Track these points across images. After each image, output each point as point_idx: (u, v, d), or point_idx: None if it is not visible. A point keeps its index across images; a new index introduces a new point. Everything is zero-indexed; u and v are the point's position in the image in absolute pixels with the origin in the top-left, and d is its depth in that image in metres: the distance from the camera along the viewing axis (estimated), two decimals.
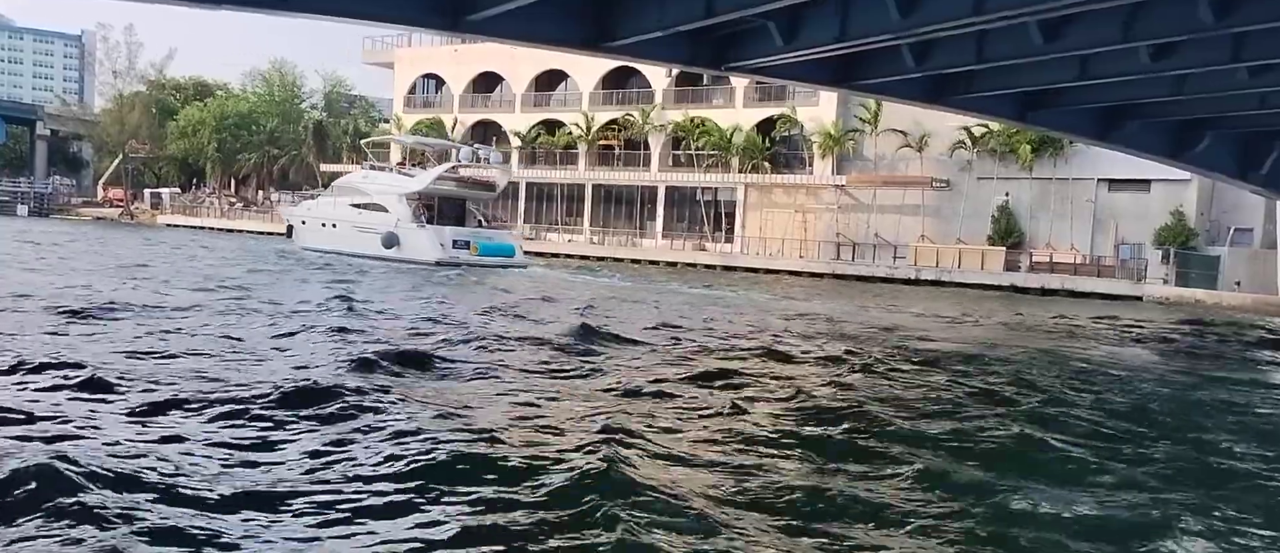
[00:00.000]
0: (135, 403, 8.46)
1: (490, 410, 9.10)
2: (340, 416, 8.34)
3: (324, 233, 41.04)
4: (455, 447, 7.30)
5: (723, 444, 8.18)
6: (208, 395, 8.85)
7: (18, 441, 6.81)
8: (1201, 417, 10.94)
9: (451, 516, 5.94)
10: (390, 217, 38.32)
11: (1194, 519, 6.51)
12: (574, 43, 17.34)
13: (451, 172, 39.88)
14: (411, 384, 10.22)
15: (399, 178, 40.78)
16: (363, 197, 40.18)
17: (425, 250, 36.44)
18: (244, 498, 6.02)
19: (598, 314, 19.34)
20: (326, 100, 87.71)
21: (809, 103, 50.51)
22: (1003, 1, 14.03)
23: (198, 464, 6.71)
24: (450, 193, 39.58)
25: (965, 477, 7.35)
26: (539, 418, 8.94)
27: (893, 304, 29.68)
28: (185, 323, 14.28)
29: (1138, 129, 24.93)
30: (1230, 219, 41.70)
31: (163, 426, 7.81)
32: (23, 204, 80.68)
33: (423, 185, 38.81)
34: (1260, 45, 16.08)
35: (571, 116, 60.60)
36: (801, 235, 50.77)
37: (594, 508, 5.92)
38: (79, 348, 11.29)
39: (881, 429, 8.99)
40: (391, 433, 7.77)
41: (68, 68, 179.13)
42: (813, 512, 6.36)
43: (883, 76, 19.66)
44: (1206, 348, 21.26)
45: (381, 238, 37.63)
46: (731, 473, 7.23)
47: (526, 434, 8.15)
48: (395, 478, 6.61)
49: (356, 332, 14.41)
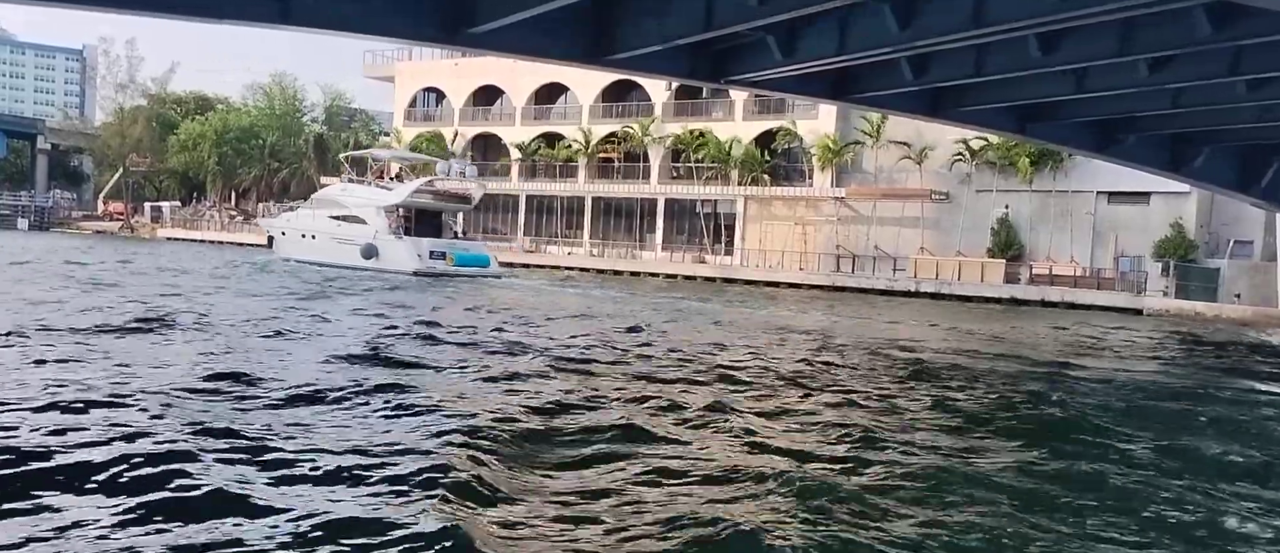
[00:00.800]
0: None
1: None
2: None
3: (303, 244, 41.93)
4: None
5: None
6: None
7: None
8: (1205, 429, 10.93)
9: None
10: (369, 228, 39.43)
11: (1192, 528, 6.50)
12: (574, 56, 17.38)
13: (428, 185, 41.26)
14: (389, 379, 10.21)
15: (377, 191, 41.79)
16: (342, 209, 41.22)
17: (403, 261, 37.40)
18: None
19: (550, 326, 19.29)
20: (327, 114, 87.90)
21: (808, 116, 50.69)
22: (1001, 14, 14.07)
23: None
24: (427, 206, 40.70)
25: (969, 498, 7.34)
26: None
27: (895, 318, 29.66)
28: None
29: (1136, 142, 24.99)
30: (1230, 232, 41.73)
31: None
32: (23, 218, 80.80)
33: (400, 198, 40.04)
34: (1258, 59, 16.12)
35: (571, 129, 60.77)
36: (801, 248, 50.83)
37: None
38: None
39: (876, 447, 8.97)
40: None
41: (69, 82, 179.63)
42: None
43: (881, 90, 19.72)
44: (1206, 360, 21.24)
45: (360, 249, 38.61)
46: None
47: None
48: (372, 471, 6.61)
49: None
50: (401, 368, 12.17)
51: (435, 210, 41.24)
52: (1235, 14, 13.98)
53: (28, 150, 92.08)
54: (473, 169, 45.62)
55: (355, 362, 12.44)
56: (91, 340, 13.13)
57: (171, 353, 12.44)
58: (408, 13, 15.39)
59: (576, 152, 60.00)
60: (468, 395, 10.48)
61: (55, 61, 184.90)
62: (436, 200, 41.11)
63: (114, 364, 11.16)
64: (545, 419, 9.19)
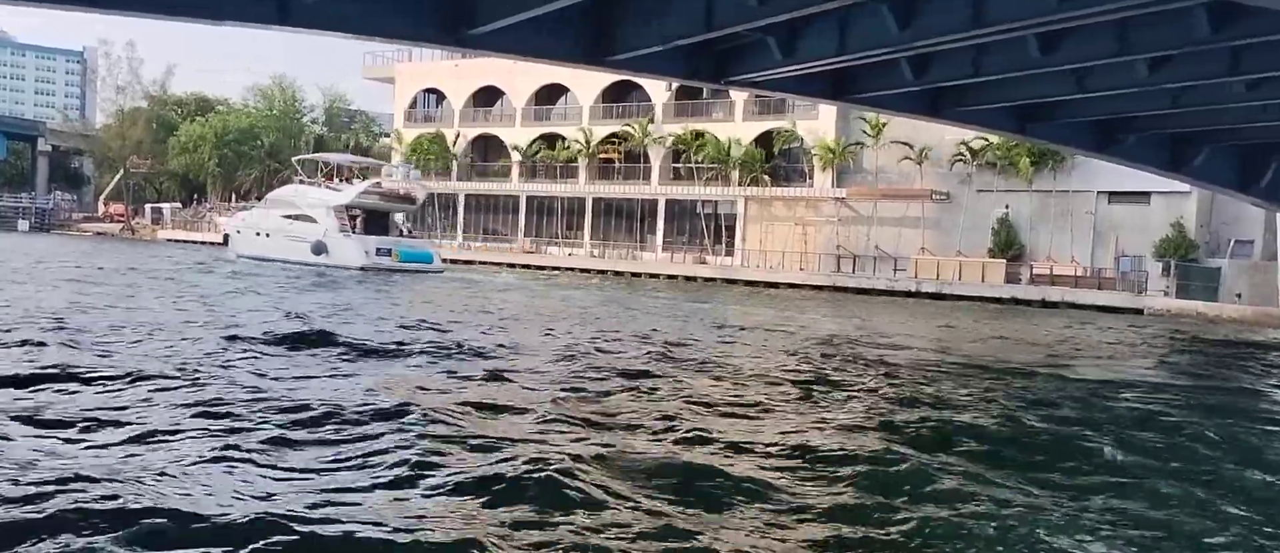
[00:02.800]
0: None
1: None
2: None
3: (257, 241, 44.61)
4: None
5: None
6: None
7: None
8: (1206, 430, 10.93)
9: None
10: (319, 227, 42.12)
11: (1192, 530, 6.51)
12: (574, 56, 17.41)
13: (375, 186, 44.22)
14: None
15: (327, 191, 44.38)
16: (294, 208, 43.92)
17: (351, 257, 40.10)
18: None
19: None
20: (327, 115, 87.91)
21: (809, 116, 50.72)
22: (1000, 14, 14.09)
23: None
24: (374, 206, 43.50)
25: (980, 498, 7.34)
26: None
27: (896, 318, 29.66)
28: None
29: (1136, 142, 25.00)
30: (1231, 231, 41.73)
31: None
32: (24, 219, 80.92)
33: (348, 199, 42.86)
34: (1257, 58, 16.13)
35: (572, 130, 60.79)
36: (802, 248, 50.86)
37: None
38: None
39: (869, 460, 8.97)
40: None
41: (70, 84, 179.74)
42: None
43: (881, 90, 19.74)
44: (1207, 360, 21.25)
45: (311, 246, 41.32)
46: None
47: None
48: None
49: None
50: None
51: (382, 210, 43.93)
52: (1235, 14, 13.99)
53: (28, 152, 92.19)
54: (416, 173, 49.25)
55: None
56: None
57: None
58: (407, 14, 15.41)
59: (577, 152, 60.04)
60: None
61: (56, 63, 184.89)
62: (383, 201, 43.77)
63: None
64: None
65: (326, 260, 40.22)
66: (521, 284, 38.11)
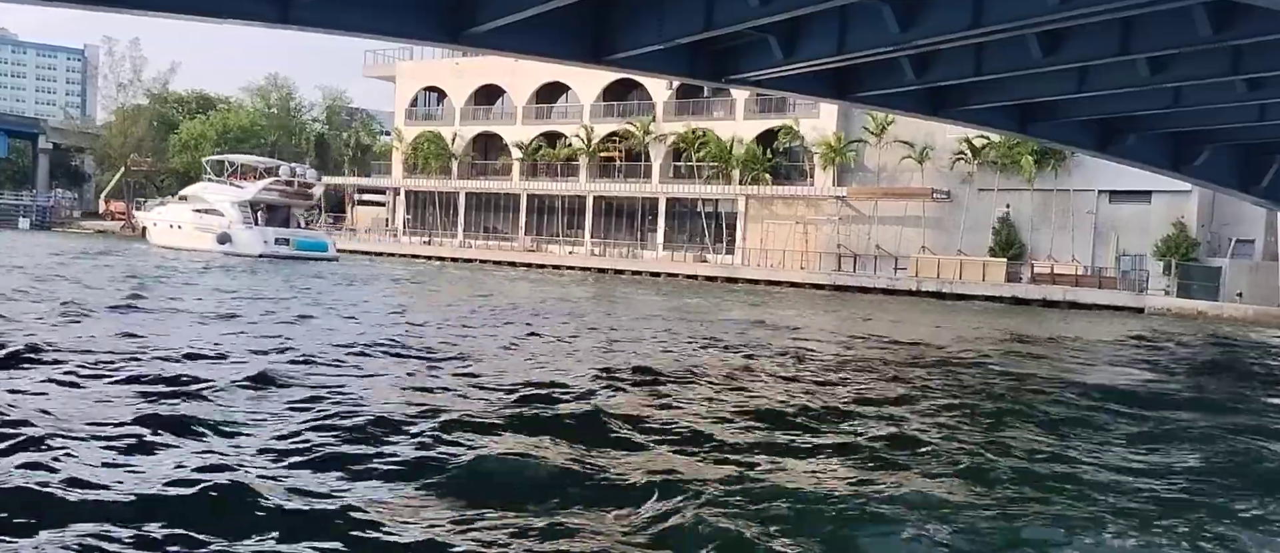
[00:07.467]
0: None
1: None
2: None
3: (171, 233, 50.21)
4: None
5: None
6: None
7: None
8: (1208, 431, 10.92)
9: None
10: (225, 219, 47.30)
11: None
12: (575, 55, 17.39)
13: (274, 183, 49.01)
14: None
15: (232, 188, 49.49)
16: (204, 203, 49.43)
17: (251, 245, 45.21)
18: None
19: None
20: (328, 113, 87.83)
21: (810, 114, 50.65)
22: (1001, 14, 14.06)
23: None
24: (274, 201, 48.71)
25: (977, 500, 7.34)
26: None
27: (896, 318, 29.63)
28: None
29: (1137, 141, 24.97)
30: (1232, 231, 41.70)
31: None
32: (24, 217, 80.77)
33: (251, 195, 48.19)
34: (1258, 58, 16.10)
35: (572, 129, 60.76)
36: (802, 247, 50.82)
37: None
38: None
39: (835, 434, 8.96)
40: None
41: (70, 82, 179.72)
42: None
43: (882, 89, 19.70)
44: (1208, 361, 21.22)
45: (216, 236, 46.35)
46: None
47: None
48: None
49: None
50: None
51: (283, 204, 49.02)
52: (1235, 14, 13.96)
53: (29, 150, 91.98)
54: (313, 171, 54.10)
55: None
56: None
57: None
58: (408, 13, 15.41)
59: (577, 151, 60.00)
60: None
61: (56, 61, 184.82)
62: (283, 196, 48.96)
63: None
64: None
65: (229, 249, 45.05)
66: (409, 274, 40.05)
